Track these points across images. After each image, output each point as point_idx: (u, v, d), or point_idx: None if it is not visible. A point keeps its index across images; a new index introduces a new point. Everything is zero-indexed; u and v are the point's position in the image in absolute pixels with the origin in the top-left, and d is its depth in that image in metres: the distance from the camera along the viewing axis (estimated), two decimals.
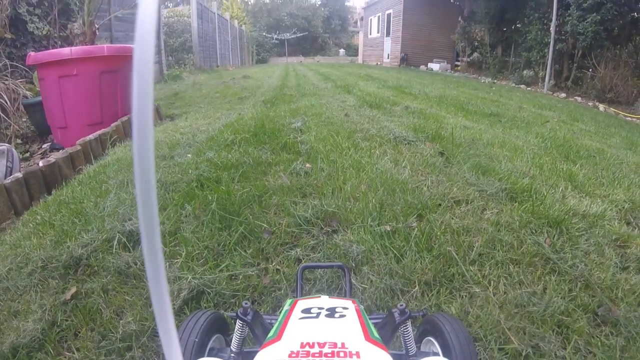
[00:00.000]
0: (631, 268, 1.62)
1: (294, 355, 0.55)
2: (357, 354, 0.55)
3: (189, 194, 2.17)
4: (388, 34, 21.14)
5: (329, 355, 0.55)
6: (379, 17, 22.69)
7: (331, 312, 0.71)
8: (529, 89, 12.22)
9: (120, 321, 1.29)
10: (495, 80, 14.33)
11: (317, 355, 0.55)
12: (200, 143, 3.19)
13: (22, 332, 1.22)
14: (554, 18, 10.92)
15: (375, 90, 7.16)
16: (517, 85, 12.92)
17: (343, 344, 0.57)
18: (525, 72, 14.06)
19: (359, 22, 41.68)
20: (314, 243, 1.78)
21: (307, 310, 0.72)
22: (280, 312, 0.78)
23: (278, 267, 1.62)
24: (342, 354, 0.55)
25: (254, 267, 1.59)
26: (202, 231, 1.81)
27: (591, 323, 1.31)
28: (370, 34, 24.56)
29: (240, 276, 1.54)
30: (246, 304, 0.78)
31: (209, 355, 0.76)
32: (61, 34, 4.83)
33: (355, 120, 4.05)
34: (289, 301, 0.82)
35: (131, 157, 2.25)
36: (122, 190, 2.20)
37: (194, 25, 12.46)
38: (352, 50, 36.42)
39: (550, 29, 11.23)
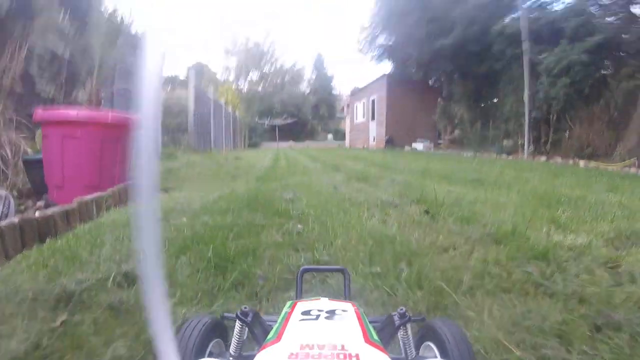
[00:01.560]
0: (625, 283, 1.65)
1: (293, 357, 0.55)
2: (357, 356, 0.55)
3: (184, 247, 2.20)
4: (373, 117, 22.46)
5: (329, 357, 0.55)
6: (364, 102, 24.27)
7: (331, 315, 0.71)
8: (510, 157, 12.80)
9: (109, 347, 1.27)
10: (477, 153, 15.00)
11: (316, 357, 0.55)
12: (195, 210, 3.27)
13: (2, 351, 1.19)
14: (526, 89, 11.85)
15: (362, 168, 7.52)
16: (498, 156, 13.53)
17: (342, 346, 0.58)
18: (505, 142, 14.87)
19: (345, 109, 44.38)
20: (307, 287, 1.81)
21: (306, 312, 0.72)
22: (279, 314, 0.78)
23: (272, 305, 1.63)
24: (341, 356, 0.55)
25: (248, 304, 1.60)
26: (197, 276, 1.83)
27: (592, 329, 1.32)
28: (356, 119, 26.06)
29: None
30: (245, 307, 0.79)
31: (208, 359, 0.76)
32: (66, 99, 4.98)
33: (344, 192, 4.28)
34: (288, 303, 0.83)
35: (128, 218, 2.53)
36: (118, 243, 2.23)
37: (190, 108, 13.14)
38: (340, 135, 38.31)
39: (524, 98, 12.12)
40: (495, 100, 16.93)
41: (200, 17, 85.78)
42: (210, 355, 0.80)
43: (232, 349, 0.79)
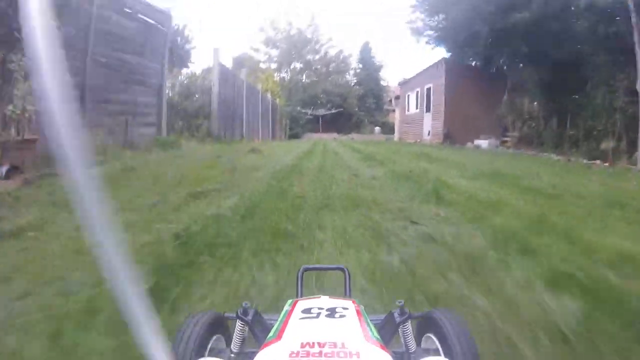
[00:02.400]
0: None
1: (294, 355, 0.55)
2: (357, 354, 0.55)
3: None
4: (428, 109, 19.69)
5: (329, 355, 0.55)
6: (417, 92, 21.50)
7: (331, 313, 0.71)
8: (606, 164, 9.72)
9: None
10: (558, 157, 12.07)
11: (317, 355, 0.55)
12: None
13: None
14: None
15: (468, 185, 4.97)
16: (589, 162, 10.44)
17: (343, 344, 0.57)
18: (604, 143, 11.72)
19: (393, 101, 41.45)
20: None
21: (307, 311, 0.72)
22: (280, 312, 0.78)
23: None
24: (342, 354, 0.55)
25: None
26: None
27: None
28: (408, 110, 23.31)
29: None
30: (246, 304, 0.80)
31: (209, 356, 0.74)
32: None
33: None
34: (289, 301, 0.82)
35: None
36: None
37: (214, 90, 11.16)
38: (387, 129, 35.47)
39: (638, 87, 9.14)
40: (575, 97, 13.82)
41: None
42: (211, 351, 0.80)
43: (233, 347, 0.79)
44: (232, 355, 0.79)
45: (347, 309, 0.73)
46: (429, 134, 19.51)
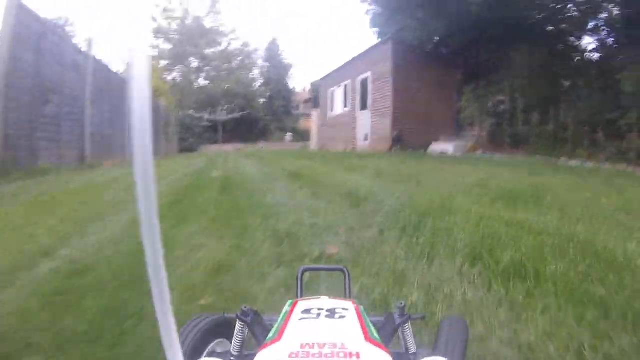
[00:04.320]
0: None
1: (293, 355, 0.55)
2: (357, 355, 0.55)
3: None
4: (365, 106, 15.21)
5: (329, 355, 0.55)
6: (345, 87, 16.98)
7: (331, 313, 0.71)
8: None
9: None
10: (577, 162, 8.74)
11: (316, 355, 0.55)
12: None
13: None
14: None
15: None
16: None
17: (343, 345, 0.57)
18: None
19: (301, 106, 36.93)
20: None
21: (307, 311, 0.72)
22: (280, 313, 0.77)
23: None
24: (342, 355, 0.55)
25: None
26: None
27: None
28: (332, 111, 18.67)
29: None
30: (246, 306, 0.79)
31: (208, 358, 0.70)
32: None
33: None
34: (289, 302, 0.81)
35: None
36: None
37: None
38: (299, 135, 30.64)
39: None
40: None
41: None
42: (210, 354, 0.81)
43: (233, 349, 0.78)
44: (232, 357, 0.76)
45: (347, 309, 0.73)
46: (366, 139, 15.01)
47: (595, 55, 11.98)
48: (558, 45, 12.53)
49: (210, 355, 0.80)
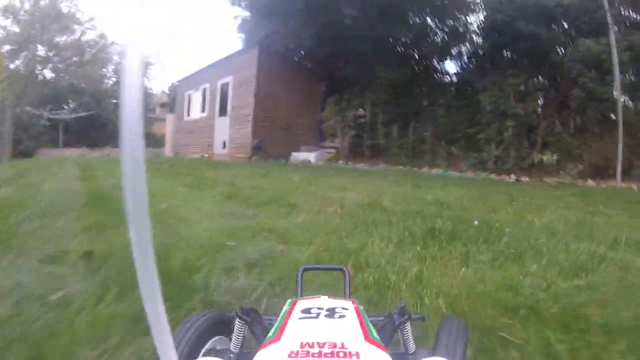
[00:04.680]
0: None
1: (293, 355, 0.55)
2: (357, 354, 0.55)
3: None
4: (224, 112, 14.02)
5: (329, 355, 0.55)
6: (204, 90, 15.55)
7: (331, 313, 0.71)
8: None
9: None
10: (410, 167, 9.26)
11: (316, 355, 0.55)
12: None
13: None
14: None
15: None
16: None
17: (343, 344, 0.57)
18: (494, 151, 9.27)
19: (157, 109, 33.73)
20: None
21: (306, 310, 0.72)
22: (280, 312, 0.77)
23: None
24: (341, 354, 0.55)
25: None
26: None
27: None
28: (189, 115, 16.96)
29: None
30: (246, 304, 0.78)
31: (206, 357, 0.73)
32: None
33: None
34: (288, 301, 0.82)
35: None
36: None
37: None
38: (152, 141, 27.57)
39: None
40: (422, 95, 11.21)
41: None
42: (209, 352, 0.80)
43: (232, 347, 0.77)
44: (231, 356, 0.75)
45: (346, 309, 0.73)
46: (224, 147, 13.81)
47: (454, 78, 13.04)
48: (421, 66, 13.30)
49: (209, 352, 0.79)
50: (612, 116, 10.02)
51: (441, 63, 12.51)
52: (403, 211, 3.63)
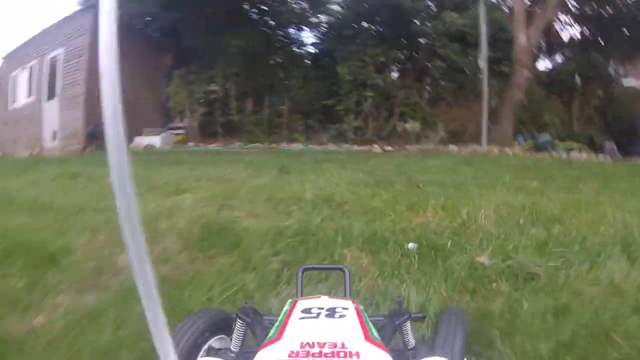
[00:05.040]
0: None
1: (293, 355, 0.55)
2: (357, 354, 0.55)
3: None
4: (53, 95, 11.50)
5: (329, 355, 0.54)
6: (31, 69, 12.70)
7: (331, 313, 0.71)
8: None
9: None
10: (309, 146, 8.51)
11: (317, 355, 0.54)
12: None
13: None
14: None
15: None
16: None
17: (343, 344, 0.57)
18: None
19: None
20: None
21: (307, 310, 0.72)
22: (280, 312, 0.76)
23: None
24: (342, 354, 0.54)
25: None
26: None
27: None
28: (15, 102, 13.77)
29: None
30: (246, 304, 0.81)
31: (209, 356, 0.73)
32: None
33: None
34: (289, 301, 0.81)
35: None
36: None
37: None
38: None
39: None
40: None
41: None
42: (210, 350, 0.79)
43: (233, 346, 0.79)
44: (232, 355, 0.76)
45: (347, 309, 0.72)
46: (54, 138, 11.35)
47: (313, 49, 12.18)
48: (278, 35, 12.23)
49: (209, 351, 0.78)
50: (474, 86, 10.17)
51: (299, 32, 11.69)
52: (273, 237, 2.34)
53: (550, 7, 9.64)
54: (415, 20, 10.14)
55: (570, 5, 11.12)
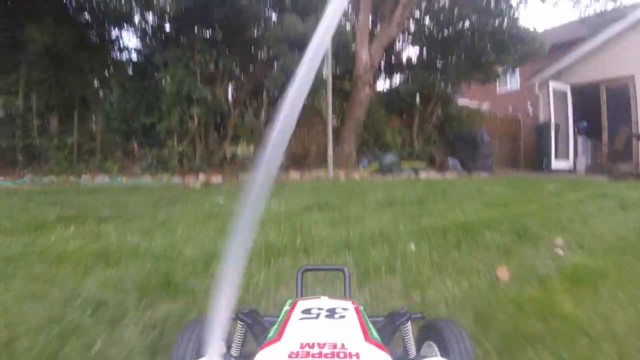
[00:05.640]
0: None
1: (293, 355, 0.53)
2: (357, 355, 0.53)
3: None
4: None
5: (329, 355, 0.53)
6: None
7: (331, 313, 0.69)
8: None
9: None
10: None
11: (316, 355, 0.53)
12: None
13: None
14: None
15: None
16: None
17: (343, 345, 0.56)
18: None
19: None
20: None
21: (307, 311, 0.70)
22: (280, 313, 0.75)
23: None
24: (341, 355, 0.53)
25: None
26: None
27: None
28: None
29: None
30: (245, 308, 0.77)
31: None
32: None
33: None
34: (289, 301, 0.79)
35: None
36: None
37: None
38: None
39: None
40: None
41: None
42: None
43: (232, 349, 0.76)
44: (232, 358, 0.75)
45: (346, 309, 0.71)
46: None
47: (135, 54, 10.24)
48: (93, 35, 10.00)
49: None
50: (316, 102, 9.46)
51: (120, 33, 9.63)
52: None
53: (393, 24, 9.40)
54: (252, 23, 8.80)
55: (411, 25, 11.22)
